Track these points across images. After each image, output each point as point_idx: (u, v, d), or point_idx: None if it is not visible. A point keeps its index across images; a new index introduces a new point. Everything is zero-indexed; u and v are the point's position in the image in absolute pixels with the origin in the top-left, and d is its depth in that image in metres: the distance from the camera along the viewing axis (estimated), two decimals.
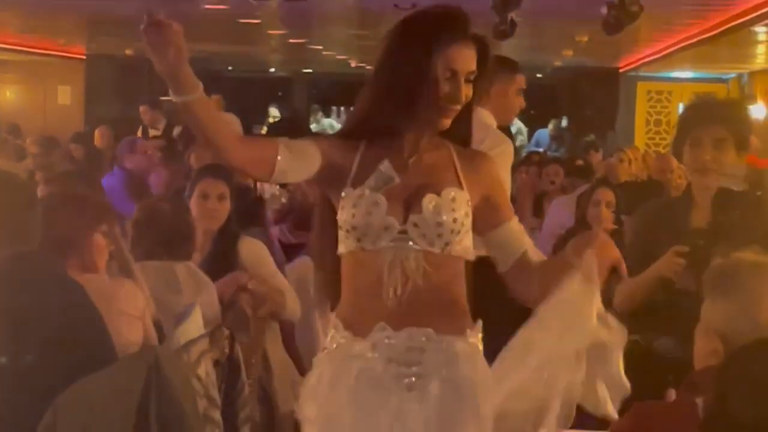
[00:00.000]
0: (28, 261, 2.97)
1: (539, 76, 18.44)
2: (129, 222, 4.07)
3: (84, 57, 16.62)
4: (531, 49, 13.75)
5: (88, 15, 11.84)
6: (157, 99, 11.37)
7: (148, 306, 3.50)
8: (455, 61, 2.44)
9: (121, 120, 13.15)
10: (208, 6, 9.57)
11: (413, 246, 2.44)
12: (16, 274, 2.93)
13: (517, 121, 15.88)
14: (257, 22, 11.00)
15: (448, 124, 2.51)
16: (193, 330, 3.64)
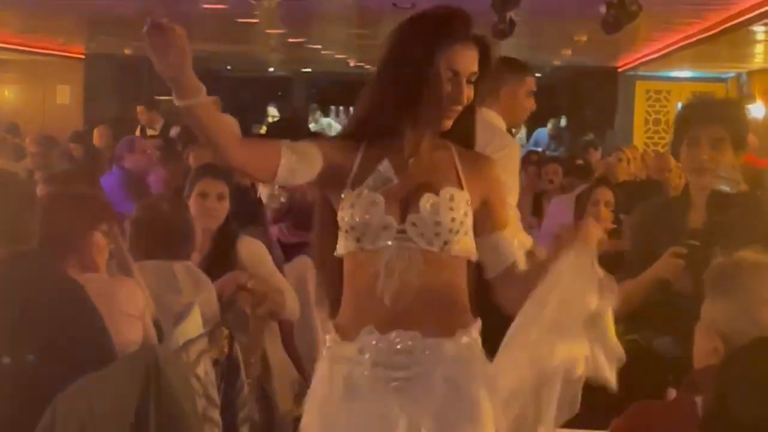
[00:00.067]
0: (27, 260, 2.97)
1: (538, 75, 18.36)
2: (128, 221, 4.06)
3: (83, 56, 16.63)
4: (530, 48, 13.76)
5: (88, 14, 11.84)
6: (153, 99, 11.36)
7: (148, 306, 3.49)
8: (457, 62, 2.45)
9: (120, 119, 13.13)
10: (206, 5, 9.57)
11: (412, 245, 2.44)
12: (15, 274, 2.93)
13: None
14: (256, 21, 11.00)
15: (449, 124, 2.51)
16: (192, 329, 3.64)
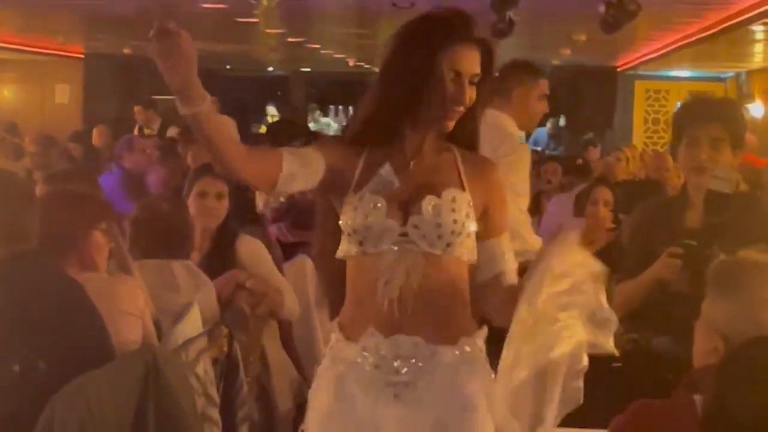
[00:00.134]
0: (26, 260, 2.96)
1: None
2: (127, 220, 4.06)
3: (82, 56, 16.62)
4: (529, 47, 13.76)
5: (87, 14, 11.83)
6: (150, 99, 11.35)
7: (148, 305, 3.49)
8: (459, 63, 2.44)
9: (119, 119, 13.12)
10: (206, 5, 9.57)
11: (414, 248, 2.43)
12: (14, 273, 2.92)
13: None
14: (255, 21, 10.99)
15: (451, 126, 2.50)
16: (191, 328, 3.63)
